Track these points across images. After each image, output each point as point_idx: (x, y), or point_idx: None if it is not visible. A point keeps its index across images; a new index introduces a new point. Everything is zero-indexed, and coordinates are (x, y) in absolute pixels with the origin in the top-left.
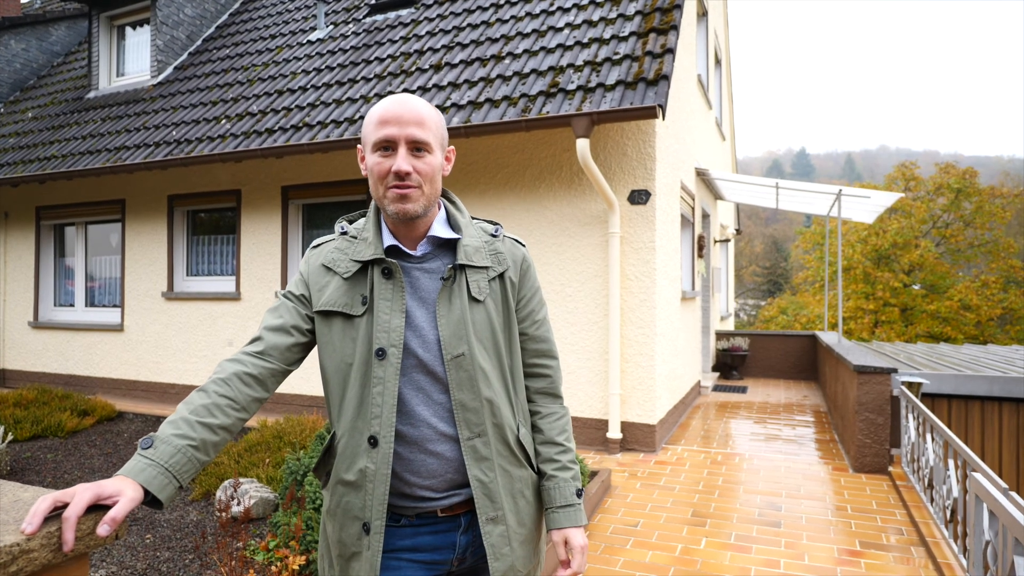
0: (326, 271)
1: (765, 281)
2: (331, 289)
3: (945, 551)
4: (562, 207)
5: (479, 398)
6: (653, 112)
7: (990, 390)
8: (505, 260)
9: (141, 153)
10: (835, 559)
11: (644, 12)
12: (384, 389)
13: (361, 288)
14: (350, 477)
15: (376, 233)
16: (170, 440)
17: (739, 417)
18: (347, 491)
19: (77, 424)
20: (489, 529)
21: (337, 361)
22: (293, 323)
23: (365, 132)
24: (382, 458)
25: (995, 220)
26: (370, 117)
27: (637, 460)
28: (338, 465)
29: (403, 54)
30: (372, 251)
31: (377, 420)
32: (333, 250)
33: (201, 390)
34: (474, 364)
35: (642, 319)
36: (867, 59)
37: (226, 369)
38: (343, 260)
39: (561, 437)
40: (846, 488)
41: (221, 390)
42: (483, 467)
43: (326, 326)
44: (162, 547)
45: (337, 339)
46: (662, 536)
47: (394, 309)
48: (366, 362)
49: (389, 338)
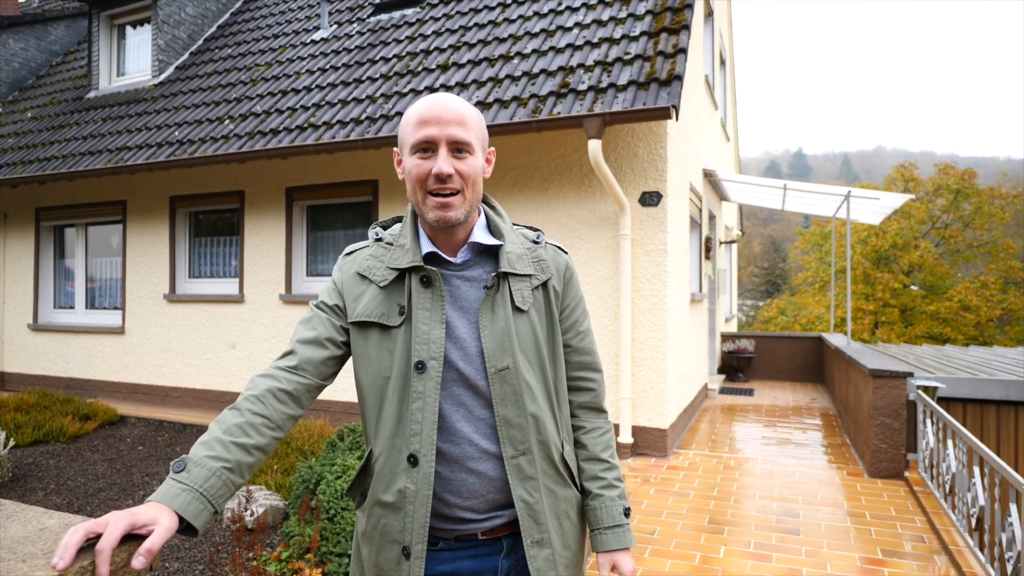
0: (361, 279)
1: (764, 282)
2: (367, 299)
3: (970, 560)
4: (572, 209)
5: (524, 414)
6: (667, 113)
7: (1007, 394)
8: (548, 268)
9: (143, 154)
10: (857, 567)
11: (655, 12)
12: (424, 405)
13: (398, 297)
14: (388, 498)
15: (414, 239)
16: (204, 463)
17: (748, 420)
18: (385, 513)
19: (79, 429)
20: (535, 553)
21: (373, 375)
22: (327, 335)
23: (403, 133)
24: (423, 478)
25: (994, 221)
26: (408, 117)
27: (649, 465)
28: (375, 485)
29: (409, 54)
30: (410, 258)
31: (417, 437)
32: (368, 257)
33: (233, 408)
34: (519, 378)
35: (653, 322)
36: (864, 60)
37: (259, 385)
38: (379, 268)
39: (606, 454)
40: (863, 494)
41: (255, 408)
42: (528, 487)
43: (362, 338)
44: (171, 557)
45: (373, 351)
46: (680, 544)
47: (433, 320)
48: (404, 376)
49: (429, 350)
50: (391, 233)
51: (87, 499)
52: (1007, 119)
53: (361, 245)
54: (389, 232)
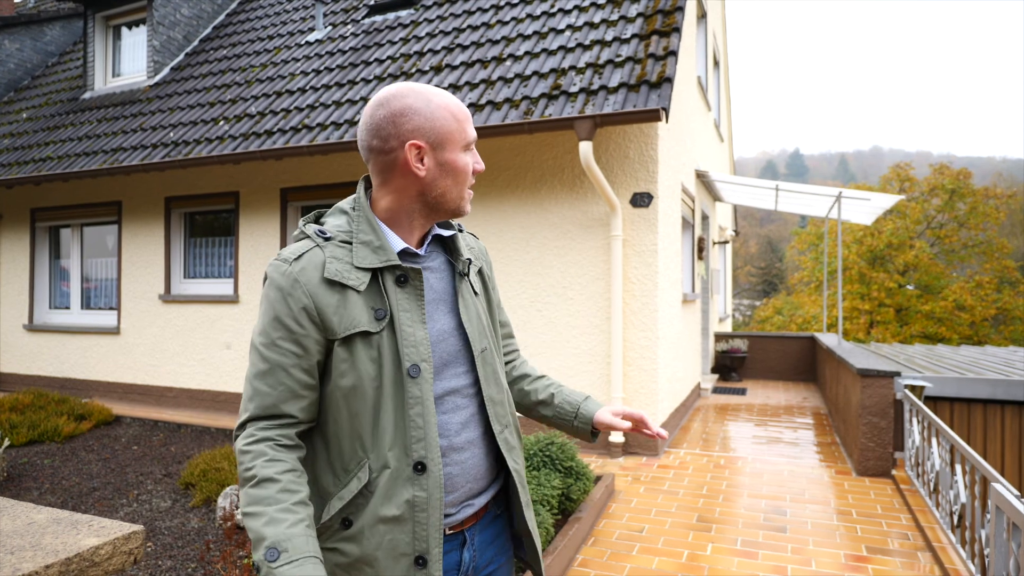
0: (333, 286)
1: (760, 281)
2: (351, 307)
3: (952, 556)
4: (564, 210)
5: (502, 389)
6: (657, 115)
7: (993, 393)
8: (478, 255)
9: (138, 155)
10: (842, 564)
11: (646, 14)
12: (424, 409)
13: (373, 300)
14: (393, 512)
15: (380, 234)
16: (292, 537)
17: (740, 420)
18: (390, 529)
19: (74, 429)
20: (528, 515)
21: (364, 387)
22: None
23: (445, 128)
24: (434, 483)
25: (989, 221)
26: (446, 114)
27: (640, 464)
28: (375, 502)
29: (403, 55)
30: (384, 256)
31: (421, 443)
32: (330, 260)
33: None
34: (494, 356)
35: (644, 322)
36: (861, 60)
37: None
38: (349, 270)
39: (540, 372)
40: (850, 492)
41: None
42: (514, 456)
43: (346, 350)
44: (164, 555)
45: (361, 363)
46: (668, 542)
47: (415, 320)
48: (397, 382)
49: (418, 353)
50: (339, 230)
51: (81, 498)
52: (1004, 119)
53: (305, 248)
54: (336, 229)
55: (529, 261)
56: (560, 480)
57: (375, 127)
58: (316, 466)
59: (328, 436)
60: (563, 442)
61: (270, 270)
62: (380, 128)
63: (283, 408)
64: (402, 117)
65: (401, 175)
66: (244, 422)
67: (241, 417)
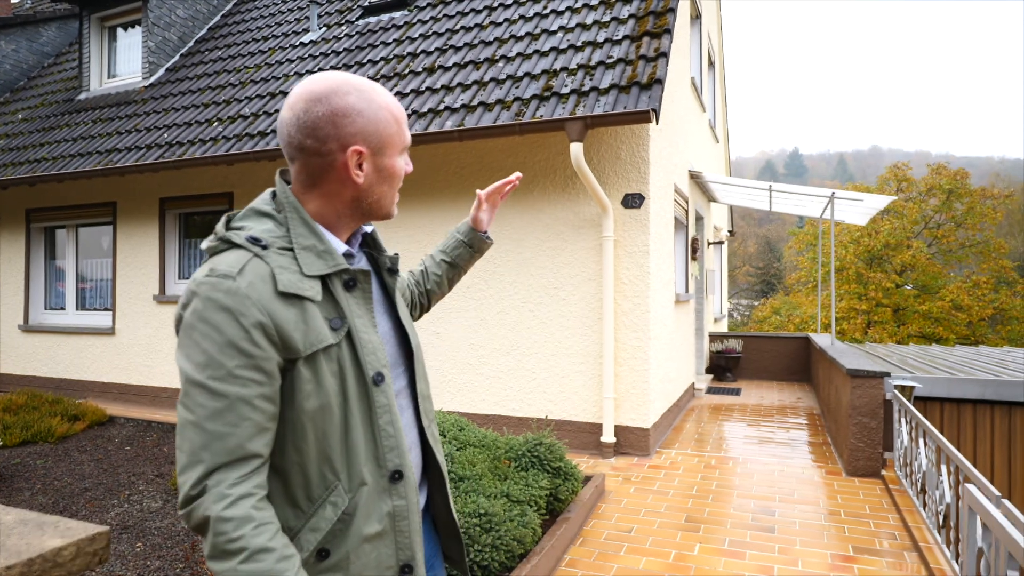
0: (288, 299)
1: (759, 281)
2: (311, 320)
3: (938, 556)
4: (556, 211)
5: (428, 384)
6: (647, 116)
7: (982, 393)
8: None
9: (132, 155)
10: (828, 564)
11: (638, 15)
12: (392, 416)
13: (327, 310)
14: (376, 528)
15: (322, 238)
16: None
17: (733, 420)
18: (375, 545)
19: (67, 429)
20: (454, 507)
21: (334, 405)
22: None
23: (387, 132)
24: (411, 488)
25: (986, 221)
26: (388, 116)
27: (631, 464)
28: (358, 523)
29: (396, 56)
30: (332, 261)
31: (395, 452)
32: (280, 270)
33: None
34: (422, 352)
35: (636, 323)
36: (860, 60)
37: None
38: (301, 280)
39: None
40: (839, 492)
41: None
42: (438, 449)
43: (311, 370)
44: (152, 555)
45: (325, 380)
46: (656, 542)
47: (368, 325)
48: (363, 394)
49: (379, 359)
50: (273, 236)
51: (73, 499)
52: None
53: (243, 259)
54: (269, 235)
55: (521, 262)
56: (548, 480)
57: (311, 125)
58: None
59: (287, 467)
60: (551, 443)
61: (205, 290)
62: (317, 127)
63: (250, 447)
64: (344, 118)
65: (336, 180)
66: (202, 478)
67: (193, 474)
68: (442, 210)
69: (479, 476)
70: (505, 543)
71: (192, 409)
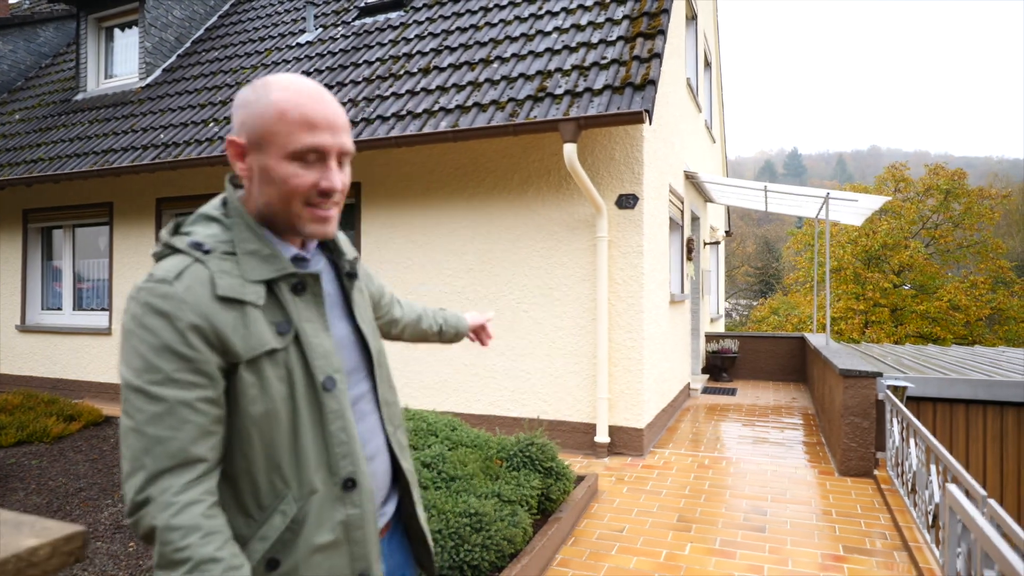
0: (229, 304)
1: (757, 281)
2: (252, 325)
3: (927, 556)
4: (550, 211)
5: (393, 390)
6: (640, 117)
7: (974, 394)
8: (349, 250)
9: (128, 156)
10: (818, 564)
11: (632, 17)
12: (345, 422)
13: (271, 314)
14: (327, 537)
15: (267, 242)
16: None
17: (728, 420)
18: (327, 556)
19: (63, 429)
20: (423, 516)
21: (279, 412)
22: (213, 413)
23: (271, 130)
24: (367, 497)
25: (984, 221)
26: (283, 112)
27: (625, 464)
28: (308, 532)
29: (392, 57)
30: (278, 266)
31: (348, 459)
32: (220, 274)
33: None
34: (384, 357)
35: (630, 323)
36: (859, 60)
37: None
38: (242, 285)
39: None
40: (831, 492)
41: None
42: (405, 456)
43: (254, 374)
44: (145, 556)
45: (271, 385)
46: (647, 542)
47: (319, 329)
48: (312, 400)
49: (330, 363)
50: (218, 240)
51: (67, 499)
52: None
53: (183, 264)
54: (213, 239)
55: (516, 262)
56: (540, 480)
57: None
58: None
59: (236, 474)
60: (543, 443)
61: (142, 295)
62: None
63: (193, 451)
64: (239, 109)
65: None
66: (145, 484)
67: (136, 480)
68: (437, 211)
69: (470, 476)
70: (495, 543)
71: (132, 415)
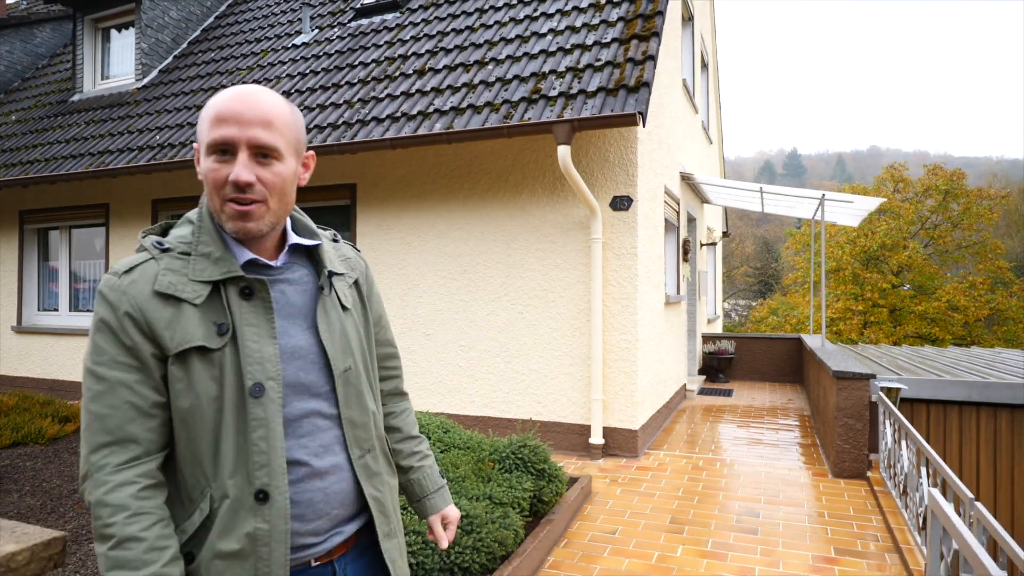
0: (165, 300)
1: (756, 282)
2: (185, 321)
3: (918, 558)
4: (545, 213)
5: (367, 412)
6: (633, 119)
7: (968, 395)
8: (354, 265)
9: (125, 157)
10: (809, 566)
11: (627, 19)
12: (268, 432)
13: (214, 315)
14: (232, 546)
15: (223, 246)
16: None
17: (723, 421)
18: (229, 565)
19: (58, 431)
20: (387, 546)
21: (202, 408)
22: (150, 399)
23: (200, 129)
24: (277, 513)
25: (982, 221)
26: (206, 112)
27: (619, 466)
28: (213, 536)
29: (387, 59)
30: (224, 268)
31: (264, 470)
32: (165, 272)
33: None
34: (359, 377)
35: (624, 325)
36: (859, 60)
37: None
38: (184, 283)
39: (415, 430)
40: (825, 493)
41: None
42: (375, 483)
43: (181, 368)
44: None
45: (198, 382)
46: (639, 543)
47: (263, 335)
48: (238, 403)
49: (264, 370)
50: (180, 241)
51: (61, 500)
52: (1000, 119)
53: (139, 260)
54: (176, 240)
55: (511, 264)
56: (532, 482)
57: None
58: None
59: (173, 464)
60: (536, 444)
61: (101, 287)
62: None
63: (129, 429)
64: None
65: None
66: (87, 456)
67: (82, 452)
68: (431, 212)
69: (462, 478)
70: (486, 545)
71: (84, 393)
